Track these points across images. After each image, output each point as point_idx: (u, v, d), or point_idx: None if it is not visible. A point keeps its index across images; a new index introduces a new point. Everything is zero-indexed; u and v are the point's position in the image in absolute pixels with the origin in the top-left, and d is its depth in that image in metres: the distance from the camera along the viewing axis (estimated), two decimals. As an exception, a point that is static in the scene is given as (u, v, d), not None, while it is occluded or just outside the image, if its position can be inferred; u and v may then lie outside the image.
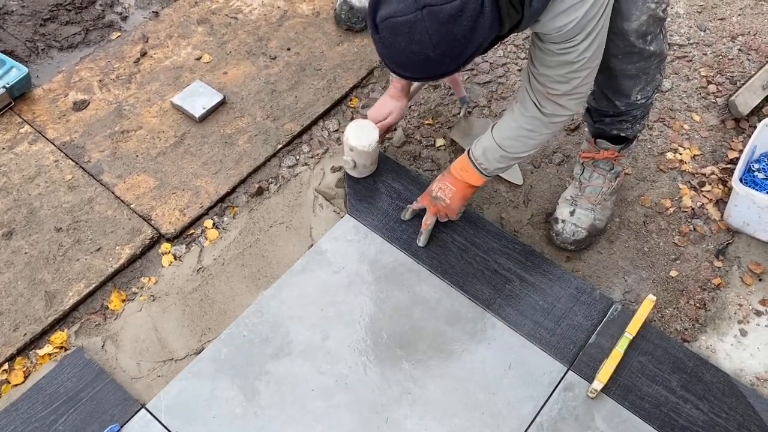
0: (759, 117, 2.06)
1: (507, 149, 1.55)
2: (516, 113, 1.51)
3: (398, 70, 1.22)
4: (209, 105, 1.97)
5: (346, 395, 1.51)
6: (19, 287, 1.65)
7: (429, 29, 1.11)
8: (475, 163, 1.60)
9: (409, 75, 1.25)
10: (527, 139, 1.52)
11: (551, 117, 1.47)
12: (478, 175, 1.62)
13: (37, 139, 1.91)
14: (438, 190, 1.67)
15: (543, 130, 1.50)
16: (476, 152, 1.60)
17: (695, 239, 1.82)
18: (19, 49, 2.12)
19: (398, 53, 1.17)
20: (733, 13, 2.34)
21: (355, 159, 1.77)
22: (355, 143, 1.72)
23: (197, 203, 1.81)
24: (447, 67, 1.18)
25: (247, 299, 1.65)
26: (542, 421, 1.49)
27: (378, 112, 1.82)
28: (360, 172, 1.82)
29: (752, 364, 1.62)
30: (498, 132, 1.56)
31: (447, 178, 1.67)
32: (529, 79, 1.44)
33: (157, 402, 1.49)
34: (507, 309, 1.64)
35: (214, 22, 2.23)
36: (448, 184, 1.66)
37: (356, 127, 1.76)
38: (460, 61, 1.18)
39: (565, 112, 1.46)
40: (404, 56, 1.17)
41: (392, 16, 1.13)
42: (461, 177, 1.64)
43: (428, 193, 1.70)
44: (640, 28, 1.44)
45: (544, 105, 1.45)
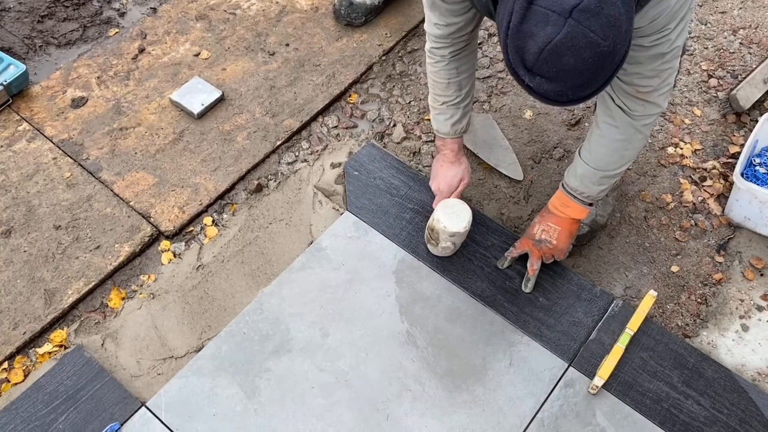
0: (760, 111, 2.05)
1: (603, 169, 1.48)
2: (603, 128, 1.44)
3: (574, 94, 1.11)
4: (208, 101, 1.97)
5: (347, 392, 1.51)
6: (18, 285, 1.64)
7: (590, 26, 1.02)
8: (575, 195, 1.54)
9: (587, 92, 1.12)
10: (623, 151, 1.45)
11: (642, 119, 1.40)
12: (581, 206, 1.56)
13: (35, 136, 1.91)
14: (541, 232, 1.61)
15: (636, 137, 1.43)
16: (573, 183, 1.53)
17: (696, 234, 1.82)
18: (17, 46, 2.11)
19: (571, 75, 1.07)
20: (734, 6, 2.33)
21: (455, 242, 1.66)
22: (456, 229, 1.60)
23: (196, 200, 1.81)
24: (620, 53, 1.08)
25: (246, 296, 1.65)
26: (543, 418, 1.49)
27: (449, 184, 1.71)
28: (455, 249, 1.71)
29: (753, 360, 1.61)
30: (589, 154, 1.49)
31: (548, 219, 1.60)
32: (612, 87, 1.38)
33: (157, 400, 1.49)
34: (507, 306, 1.64)
35: (212, 18, 2.22)
36: (551, 224, 1.59)
37: (444, 212, 1.62)
38: (625, 47, 1.08)
39: (655, 110, 1.39)
40: (578, 73, 1.06)
41: (547, 44, 1.04)
42: (565, 214, 1.57)
43: (529, 237, 1.64)
44: None
45: (633, 107, 1.38)
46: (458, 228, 1.61)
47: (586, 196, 1.54)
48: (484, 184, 1.88)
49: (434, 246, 1.67)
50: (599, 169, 1.48)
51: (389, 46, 2.16)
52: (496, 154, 1.92)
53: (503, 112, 2.04)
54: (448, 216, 1.61)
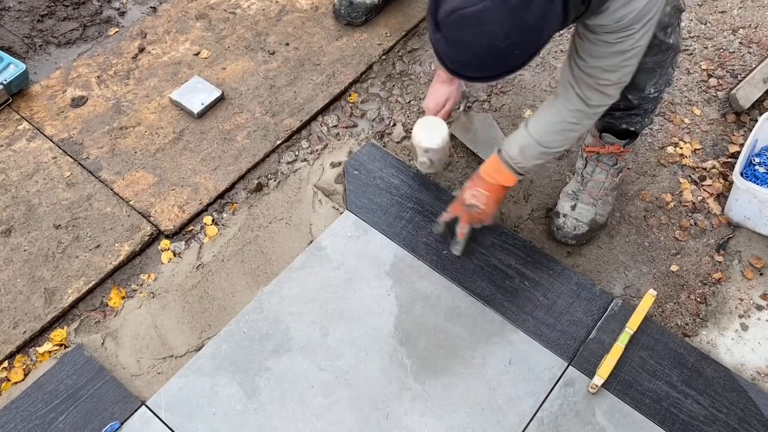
0: (760, 110, 2.05)
1: (547, 144, 1.50)
2: (558, 107, 1.47)
3: (463, 70, 1.16)
4: (208, 101, 1.97)
5: (347, 391, 1.51)
6: (18, 285, 1.65)
7: (500, 17, 1.05)
8: (510, 163, 1.55)
9: (474, 74, 1.18)
10: (570, 132, 1.49)
11: (596, 108, 1.44)
12: (513, 175, 1.56)
13: (35, 135, 1.91)
14: (471, 197, 1.61)
15: (585, 122, 1.47)
16: (512, 152, 1.53)
17: (696, 234, 1.82)
18: (17, 46, 2.11)
19: (464, 49, 1.10)
20: (734, 6, 2.33)
21: (431, 158, 1.71)
22: (429, 144, 1.67)
23: (196, 200, 1.81)
24: (515, 60, 1.12)
25: (246, 296, 1.65)
26: (543, 417, 1.49)
27: (435, 102, 1.76)
28: (436, 167, 1.77)
29: (753, 359, 1.61)
30: (536, 127, 1.51)
31: (478, 184, 1.61)
32: (573, 72, 1.40)
33: (157, 399, 1.49)
34: (507, 305, 1.64)
35: (212, 17, 2.22)
36: (481, 190, 1.60)
37: (422, 127, 1.70)
38: (528, 54, 1.12)
39: (609, 101, 1.43)
40: (471, 52, 1.10)
41: (459, 9, 1.06)
42: (494, 180, 1.58)
43: (460, 201, 1.65)
44: (663, 19, 1.42)
45: (591, 97, 1.40)
46: (431, 144, 1.67)
47: (521, 167, 1.55)
48: (484, 183, 1.88)
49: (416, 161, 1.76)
50: (542, 145, 1.50)
51: (389, 45, 2.16)
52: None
53: (503, 112, 2.04)
54: (424, 131, 1.69)
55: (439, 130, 1.70)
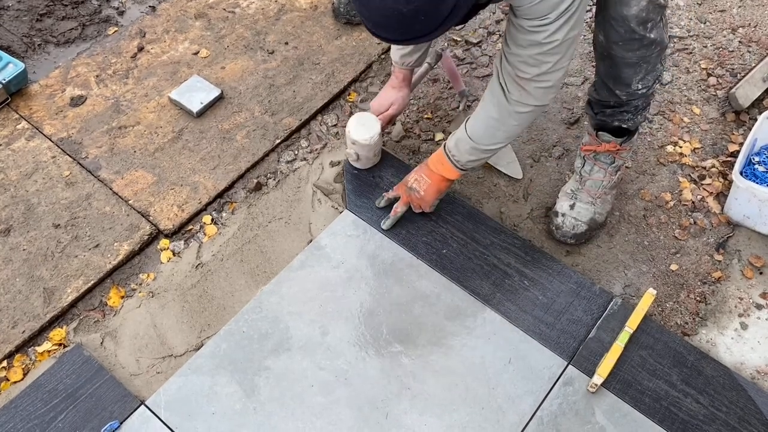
0: (759, 109, 2.05)
1: (475, 140, 1.53)
2: (485, 100, 1.50)
3: (377, 30, 1.20)
4: (207, 100, 1.97)
5: (346, 391, 1.51)
6: (17, 284, 1.64)
7: None
8: (449, 156, 1.60)
9: (388, 36, 1.21)
10: (494, 130, 1.51)
11: (516, 105, 1.44)
12: (452, 168, 1.61)
13: (34, 135, 1.90)
14: (414, 181, 1.67)
15: (509, 121, 1.48)
16: (449, 144, 1.59)
17: (695, 233, 1.82)
18: (16, 45, 2.11)
19: (374, 12, 1.15)
20: (734, 4, 2.33)
21: (358, 152, 1.77)
22: (356, 137, 1.73)
23: (195, 199, 1.81)
24: (422, 26, 1.15)
25: (246, 295, 1.65)
26: (542, 416, 1.49)
27: (380, 103, 1.82)
28: (363, 164, 1.83)
29: (753, 358, 1.61)
30: (469, 122, 1.55)
31: (423, 170, 1.66)
32: (500, 60, 1.42)
33: (156, 398, 1.49)
34: (507, 304, 1.64)
35: (211, 16, 2.22)
36: (424, 176, 1.65)
37: (358, 120, 1.76)
38: (435, 22, 1.14)
39: (531, 101, 1.43)
40: (379, 14, 1.14)
41: None
42: (437, 169, 1.63)
43: (404, 182, 1.70)
44: (639, 14, 1.43)
45: (511, 90, 1.42)
46: (357, 137, 1.73)
47: (457, 161, 1.58)
48: (483, 182, 1.88)
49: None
50: (471, 139, 1.53)
51: (389, 45, 2.15)
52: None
53: (502, 111, 2.03)
54: (359, 124, 1.75)
55: (371, 128, 1.74)
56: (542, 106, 1.46)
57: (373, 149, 1.78)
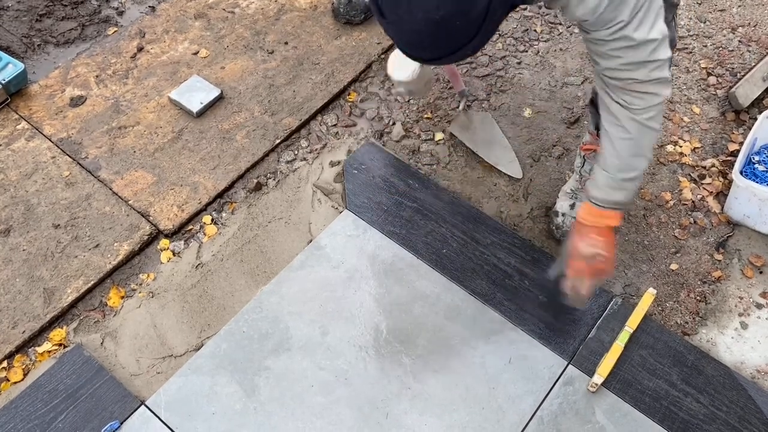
0: (759, 109, 2.05)
1: (622, 170, 1.37)
2: (610, 130, 1.36)
3: (414, 50, 1.13)
4: (207, 100, 1.97)
5: (346, 391, 1.51)
6: (17, 284, 1.64)
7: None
8: (603, 205, 1.41)
9: (428, 54, 1.13)
10: (635, 149, 1.35)
11: (642, 112, 1.31)
12: (614, 213, 1.42)
13: (34, 135, 1.90)
14: (587, 247, 1.43)
15: (644, 132, 1.33)
16: (596, 193, 1.41)
17: (695, 232, 1.82)
18: (15, 45, 2.11)
19: (406, 28, 1.08)
20: (733, 4, 2.33)
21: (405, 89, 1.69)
22: (397, 77, 1.64)
23: (195, 199, 1.81)
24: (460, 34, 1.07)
25: (246, 295, 1.65)
26: (543, 416, 1.49)
27: None
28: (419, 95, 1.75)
29: (753, 357, 1.61)
30: (603, 161, 1.40)
31: (589, 233, 1.44)
32: (602, 84, 1.32)
33: (156, 398, 1.49)
34: (507, 303, 1.64)
35: (211, 16, 2.22)
36: (594, 237, 1.43)
37: (393, 60, 1.65)
38: (473, 27, 1.06)
39: (655, 100, 1.29)
40: (411, 29, 1.07)
41: None
42: (601, 223, 1.43)
43: (576, 257, 1.45)
44: None
45: (631, 102, 1.30)
46: (399, 77, 1.65)
47: (613, 203, 1.42)
48: (484, 182, 1.88)
49: None
50: (616, 173, 1.39)
51: (388, 44, 2.15)
52: (495, 152, 1.92)
53: (502, 111, 2.03)
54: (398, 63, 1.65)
55: (411, 64, 1.61)
56: (666, 99, 1.33)
57: (421, 81, 1.67)
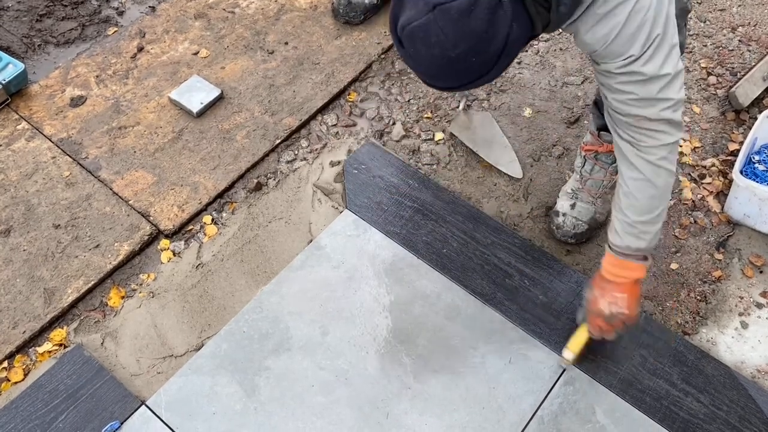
0: (759, 108, 2.05)
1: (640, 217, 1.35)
2: (623, 172, 1.34)
3: (431, 80, 1.17)
4: (207, 100, 1.97)
5: (346, 390, 1.51)
6: (17, 285, 1.64)
7: (443, 28, 1.06)
8: (628, 253, 1.40)
9: (443, 84, 1.18)
10: (650, 190, 1.32)
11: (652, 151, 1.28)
12: (638, 264, 1.41)
13: (34, 135, 1.90)
14: (610, 306, 1.43)
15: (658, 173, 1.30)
16: (617, 241, 1.40)
17: (696, 232, 1.82)
18: (15, 45, 2.11)
19: (423, 61, 1.13)
20: (733, 4, 2.33)
21: None
22: None
23: (196, 199, 1.81)
24: (476, 69, 1.11)
25: (246, 295, 1.65)
26: (543, 416, 1.49)
27: None
28: None
29: (753, 357, 1.61)
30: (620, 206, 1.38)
31: (612, 290, 1.43)
32: (610, 119, 1.31)
33: (157, 398, 1.49)
34: (507, 303, 1.64)
35: (211, 16, 2.22)
36: (617, 294, 1.42)
37: None
38: (489, 63, 1.10)
39: (666, 139, 1.26)
40: (428, 63, 1.12)
41: (408, 24, 1.09)
42: (626, 277, 1.42)
43: (596, 314, 1.46)
44: None
45: (639, 139, 1.28)
46: None
47: (635, 250, 1.38)
48: (483, 182, 1.88)
49: None
50: (633, 217, 1.36)
51: (388, 44, 2.15)
52: (495, 152, 1.92)
53: (502, 110, 2.04)
54: None
55: None
56: (679, 139, 1.29)
57: None
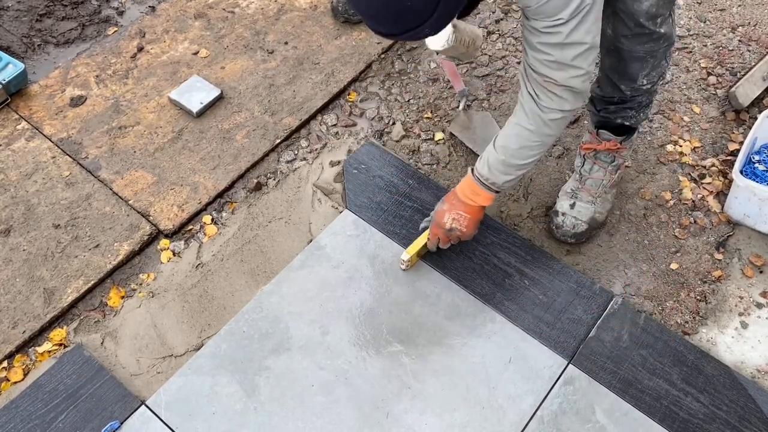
0: (759, 108, 2.05)
1: (509, 156, 1.47)
2: (516, 113, 1.45)
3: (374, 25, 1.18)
4: (207, 100, 1.97)
5: (346, 390, 1.51)
6: (17, 284, 1.64)
7: None
8: (482, 180, 1.53)
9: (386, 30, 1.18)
10: (528, 142, 1.44)
11: (549, 112, 1.38)
12: (488, 193, 1.55)
13: (34, 135, 1.90)
14: (451, 221, 1.59)
15: (543, 129, 1.41)
16: (482, 169, 1.52)
17: (696, 232, 1.82)
18: (15, 45, 2.11)
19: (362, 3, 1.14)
20: (733, 3, 2.33)
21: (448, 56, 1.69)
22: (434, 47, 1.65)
23: (196, 199, 1.81)
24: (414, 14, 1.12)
25: (246, 295, 1.65)
26: (543, 415, 1.49)
27: None
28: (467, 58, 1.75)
29: (753, 357, 1.61)
30: (500, 140, 1.48)
31: (458, 207, 1.58)
32: (524, 68, 1.37)
33: (157, 398, 1.49)
34: (507, 303, 1.64)
35: (211, 16, 2.22)
36: (462, 212, 1.58)
37: None
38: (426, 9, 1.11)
39: (565, 106, 1.37)
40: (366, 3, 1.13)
41: None
42: (473, 201, 1.56)
43: (438, 225, 1.61)
44: (650, 10, 1.42)
45: (541, 97, 1.37)
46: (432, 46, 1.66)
47: (492, 183, 1.52)
48: (484, 182, 1.88)
49: None
50: (506, 157, 1.47)
51: (388, 44, 2.15)
52: (495, 151, 1.91)
53: (502, 110, 2.03)
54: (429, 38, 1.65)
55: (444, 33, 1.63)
56: (575, 110, 1.40)
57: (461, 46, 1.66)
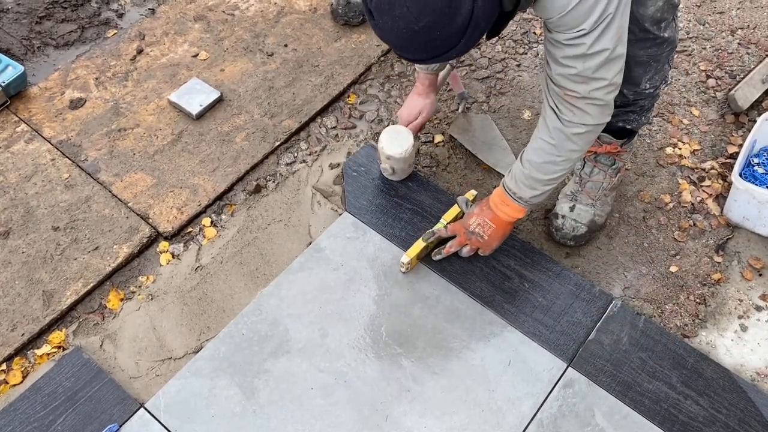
0: (759, 111, 2.05)
1: (533, 172, 1.46)
2: (539, 128, 1.43)
3: (401, 52, 1.20)
4: (206, 102, 1.97)
5: (346, 393, 1.51)
6: (16, 287, 1.64)
7: (407, 2, 1.09)
8: (510, 194, 1.53)
9: (413, 56, 1.20)
10: (552, 157, 1.42)
11: (572, 126, 1.36)
12: (517, 206, 1.54)
13: (33, 137, 1.90)
14: (477, 225, 1.60)
15: (566, 145, 1.39)
16: (509, 182, 1.53)
17: (695, 234, 1.82)
18: (15, 48, 2.11)
19: (391, 33, 1.16)
20: (732, 6, 2.33)
21: (393, 166, 1.77)
22: (391, 152, 1.72)
23: (195, 201, 1.81)
24: (442, 42, 1.13)
25: (245, 297, 1.65)
26: (542, 418, 1.49)
27: (408, 112, 1.80)
28: (399, 176, 1.82)
29: (752, 360, 1.61)
30: (526, 153, 1.48)
31: (486, 214, 1.59)
32: (546, 82, 1.37)
33: (156, 401, 1.49)
34: (506, 306, 1.64)
35: (210, 18, 2.22)
36: (488, 220, 1.59)
37: (389, 134, 1.75)
38: (455, 37, 1.12)
39: (587, 120, 1.35)
40: (396, 35, 1.15)
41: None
42: (502, 212, 1.56)
43: (463, 225, 1.63)
44: (655, 14, 1.42)
45: (563, 111, 1.35)
46: (393, 152, 1.73)
47: (519, 197, 1.52)
48: (483, 184, 1.88)
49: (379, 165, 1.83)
50: (530, 171, 1.46)
51: (388, 47, 2.15)
52: (494, 154, 1.92)
53: (502, 113, 2.04)
54: (390, 138, 1.74)
55: (404, 140, 1.74)
56: (600, 125, 1.38)
57: (408, 161, 1.77)
